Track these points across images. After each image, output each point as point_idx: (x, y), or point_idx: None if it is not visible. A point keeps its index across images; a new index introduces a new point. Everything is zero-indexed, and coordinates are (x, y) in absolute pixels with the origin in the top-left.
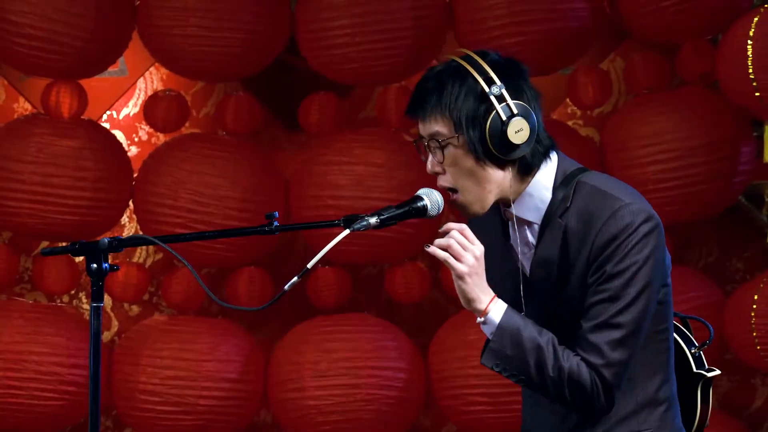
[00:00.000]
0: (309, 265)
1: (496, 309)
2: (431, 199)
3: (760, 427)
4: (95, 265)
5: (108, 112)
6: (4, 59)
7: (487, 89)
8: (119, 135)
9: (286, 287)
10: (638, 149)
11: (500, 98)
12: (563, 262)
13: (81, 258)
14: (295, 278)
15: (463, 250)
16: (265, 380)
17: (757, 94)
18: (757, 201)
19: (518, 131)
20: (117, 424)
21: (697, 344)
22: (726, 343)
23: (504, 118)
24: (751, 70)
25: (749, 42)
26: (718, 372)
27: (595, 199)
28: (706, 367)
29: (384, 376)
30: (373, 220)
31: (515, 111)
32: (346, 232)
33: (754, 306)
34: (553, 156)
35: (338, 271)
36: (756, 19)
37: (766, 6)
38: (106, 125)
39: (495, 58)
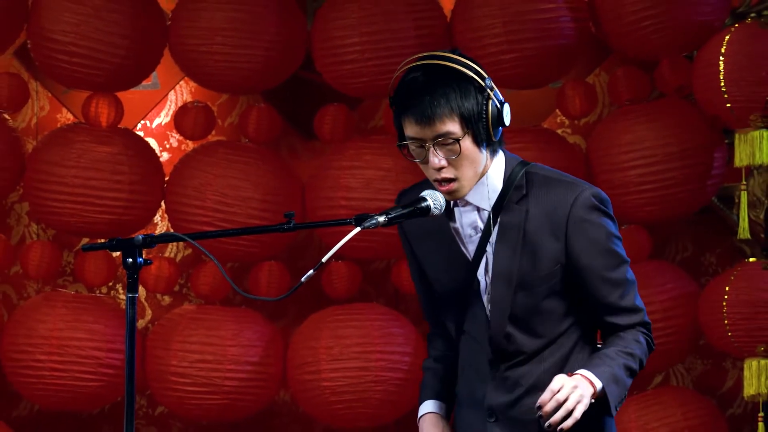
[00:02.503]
0: (323, 260)
1: (594, 381)
2: (434, 200)
3: (731, 406)
4: (131, 260)
5: (142, 122)
6: (48, 74)
7: (482, 83)
8: (152, 142)
9: (302, 279)
10: (621, 155)
11: (491, 89)
12: (528, 241)
13: (118, 253)
14: (311, 271)
15: (569, 400)
16: (284, 363)
17: (728, 105)
18: (728, 202)
19: (506, 114)
20: (150, 402)
21: None
22: (700, 329)
23: (498, 105)
24: (722, 84)
25: (721, 58)
26: None
27: (553, 186)
28: None
29: (391, 359)
30: (381, 219)
31: (501, 98)
32: (357, 229)
33: (726, 297)
34: (500, 151)
35: (350, 265)
36: (727, 37)
37: (737, 26)
38: (141, 133)
39: (461, 54)
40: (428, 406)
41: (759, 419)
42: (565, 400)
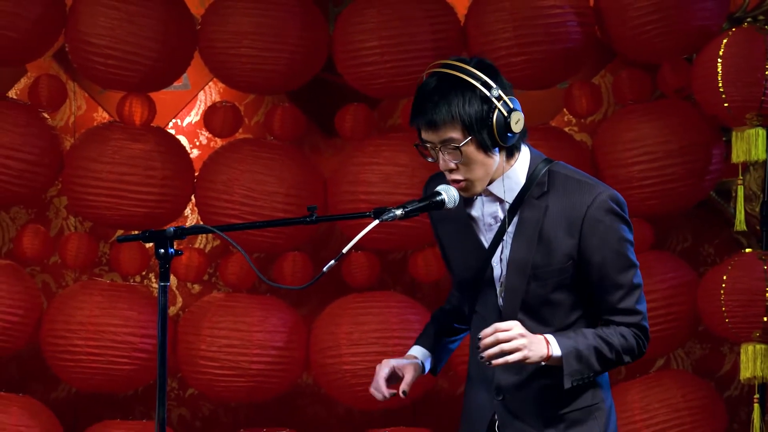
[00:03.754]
0: (344, 251)
1: (553, 347)
2: (448, 194)
3: (728, 388)
4: (163, 250)
5: (173, 120)
6: (85, 75)
7: (487, 93)
8: (183, 140)
9: (324, 269)
10: (624, 152)
11: (498, 98)
12: (544, 235)
13: (151, 244)
14: (332, 261)
15: (509, 342)
16: (307, 348)
17: (725, 104)
18: (726, 196)
19: (517, 121)
20: (181, 385)
21: None
22: (699, 316)
23: (505, 113)
24: (720, 85)
25: (719, 60)
26: None
27: (573, 186)
28: None
29: (408, 344)
30: (398, 212)
31: (512, 105)
32: (376, 222)
33: (723, 285)
34: (525, 148)
35: (369, 256)
36: (725, 41)
37: (734, 30)
38: (172, 131)
39: (479, 63)
40: (413, 351)
41: (755, 401)
42: (505, 341)
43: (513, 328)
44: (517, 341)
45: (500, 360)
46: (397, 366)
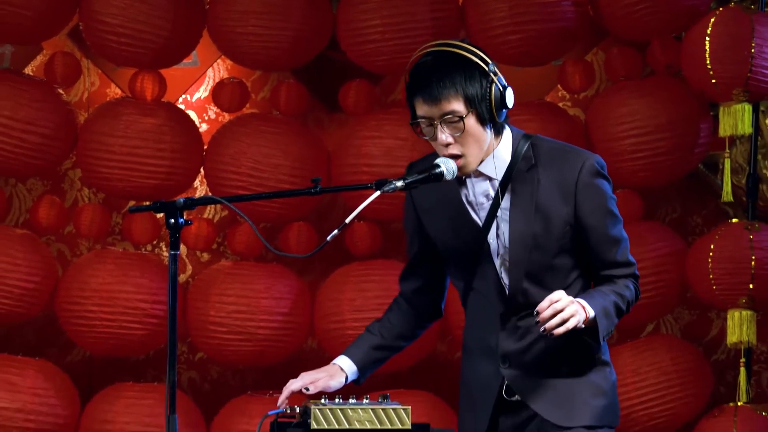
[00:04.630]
0: (347, 221)
1: (588, 309)
2: (447, 166)
3: (715, 352)
4: (173, 220)
5: (183, 96)
6: (98, 53)
7: (486, 68)
8: (192, 114)
9: (328, 238)
10: (616, 126)
11: (495, 74)
12: (540, 206)
13: (161, 214)
14: (336, 231)
15: (565, 310)
16: (312, 314)
17: (713, 81)
18: (714, 168)
19: (509, 97)
20: (191, 349)
21: None
22: (688, 283)
23: (501, 89)
24: (708, 62)
25: (707, 38)
26: None
27: (560, 155)
28: None
29: None
30: (399, 184)
31: (505, 83)
32: (377, 193)
33: (711, 254)
34: (506, 126)
35: (371, 225)
36: (713, 19)
37: (721, 9)
38: (182, 106)
39: (472, 43)
40: (340, 361)
41: (741, 364)
42: (561, 310)
43: (562, 297)
44: (570, 308)
45: (561, 329)
46: (312, 382)
